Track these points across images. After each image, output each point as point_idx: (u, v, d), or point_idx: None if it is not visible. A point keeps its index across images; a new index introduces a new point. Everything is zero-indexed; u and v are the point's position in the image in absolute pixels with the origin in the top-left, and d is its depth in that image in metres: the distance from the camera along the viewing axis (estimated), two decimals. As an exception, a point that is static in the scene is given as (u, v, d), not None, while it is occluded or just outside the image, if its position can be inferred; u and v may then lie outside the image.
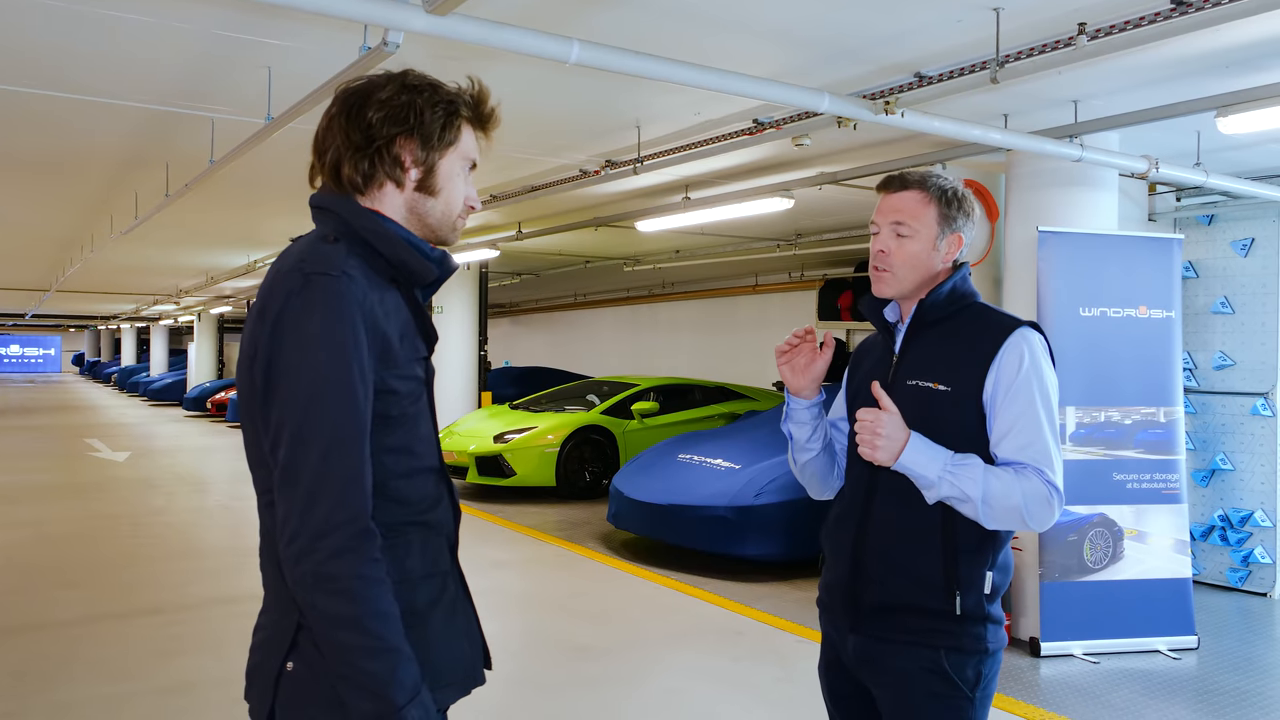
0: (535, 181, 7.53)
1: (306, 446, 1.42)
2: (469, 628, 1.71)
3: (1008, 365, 1.93)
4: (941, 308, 2.04)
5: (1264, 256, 6.18)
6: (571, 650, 5.03)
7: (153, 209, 7.93)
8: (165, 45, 4.39)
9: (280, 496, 1.44)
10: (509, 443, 9.65)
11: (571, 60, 3.44)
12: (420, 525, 1.61)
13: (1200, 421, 6.45)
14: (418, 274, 1.61)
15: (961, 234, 2.06)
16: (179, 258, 14.39)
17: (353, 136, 1.56)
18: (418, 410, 1.61)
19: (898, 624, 1.97)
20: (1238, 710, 4.33)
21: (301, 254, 1.52)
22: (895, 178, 2.10)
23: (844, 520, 2.10)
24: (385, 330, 1.51)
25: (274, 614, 1.56)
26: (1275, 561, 6.19)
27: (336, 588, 1.39)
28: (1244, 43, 4.13)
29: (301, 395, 1.43)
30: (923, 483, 1.92)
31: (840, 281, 13.25)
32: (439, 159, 1.61)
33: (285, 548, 1.42)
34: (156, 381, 26.31)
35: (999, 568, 1.98)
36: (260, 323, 1.48)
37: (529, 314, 23.36)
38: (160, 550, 7.37)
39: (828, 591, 2.14)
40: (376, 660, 1.41)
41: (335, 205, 1.59)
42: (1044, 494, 1.89)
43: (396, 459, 1.56)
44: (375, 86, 1.58)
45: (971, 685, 1.94)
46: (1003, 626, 2.01)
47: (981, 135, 4.71)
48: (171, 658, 4.80)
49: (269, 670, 1.53)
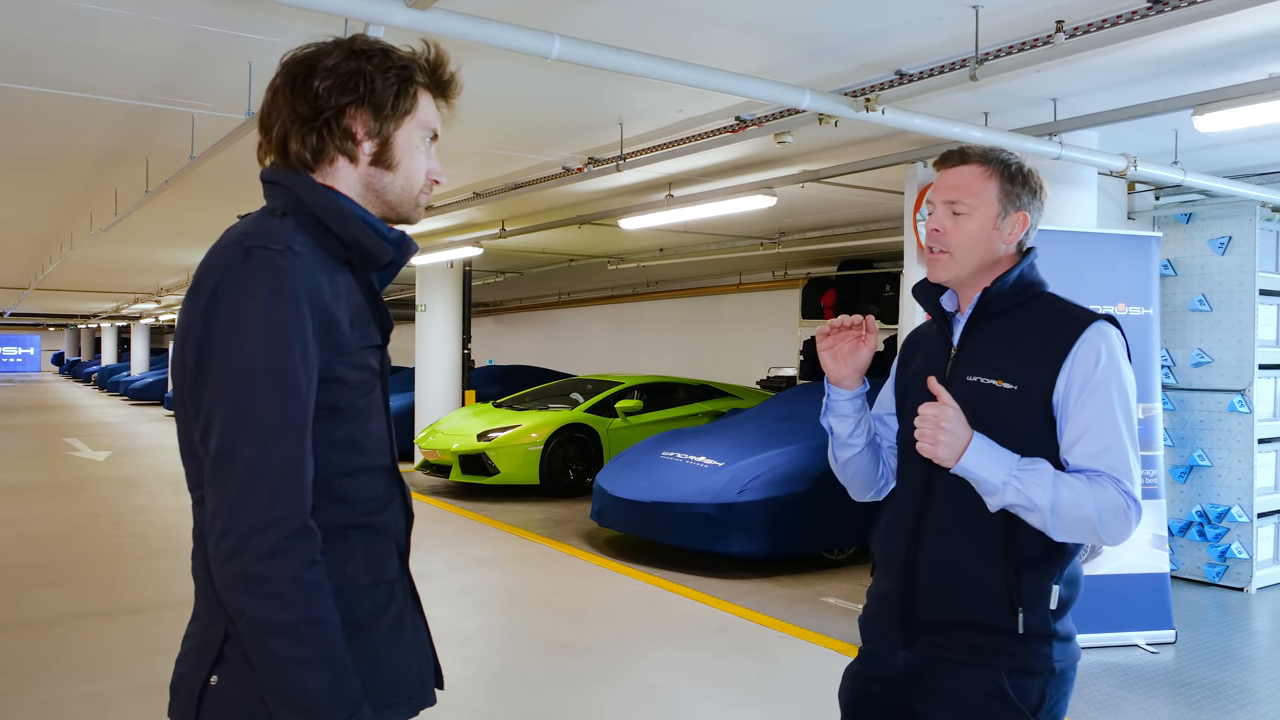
0: (518, 179, 7.52)
1: (239, 435, 1.28)
2: (418, 643, 1.57)
3: (1083, 363, 1.75)
4: (1007, 297, 1.85)
5: (1241, 255, 6.24)
6: (555, 647, 5.03)
7: (133, 205, 7.88)
8: (146, 40, 4.38)
9: (210, 490, 1.31)
10: (492, 441, 9.63)
11: (553, 56, 3.45)
12: (365, 529, 1.48)
13: (1178, 418, 6.51)
14: (373, 255, 1.48)
15: (1027, 213, 1.87)
16: (160, 255, 14.30)
17: (299, 109, 1.44)
18: (369, 403, 1.48)
19: (955, 641, 1.80)
20: (1214, 703, 4.38)
21: (244, 228, 1.40)
22: (955, 152, 1.93)
23: (896, 527, 1.93)
24: (334, 313, 1.39)
25: (202, 622, 1.43)
26: (1252, 556, 6.25)
27: (269, 591, 1.26)
28: (1220, 41, 4.18)
29: (235, 379, 1.30)
30: (986, 488, 1.74)
31: (824, 280, 13.29)
32: (395, 130, 1.48)
33: (214, 547, 1.29)
34: (137, 381, 26.10)
35: (1067, 580, 1.81)
36: (194, 299, 1.35)
37: (513, 312, 23.32)
38: (142, 549, 7.33)
39: (878, 603, 1.96)
40: (313, 673, 1.28)
41: (286, 179, 1.46)
42: (1120, 505, 1.71)
43: (343, 455, 1.43)
44: (321, 54, 1.45)
45: (1035, 708, 1.76)
46: (1073, 642, 1.82)
47: (962, 133, 4.74)
48: (154, 656, 4.77)
49: (192, 684, 1.39)
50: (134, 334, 29.70)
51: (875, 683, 1.95)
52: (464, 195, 8.25)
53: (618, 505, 7.18)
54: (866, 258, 12.47)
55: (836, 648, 4.99)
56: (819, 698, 4.31)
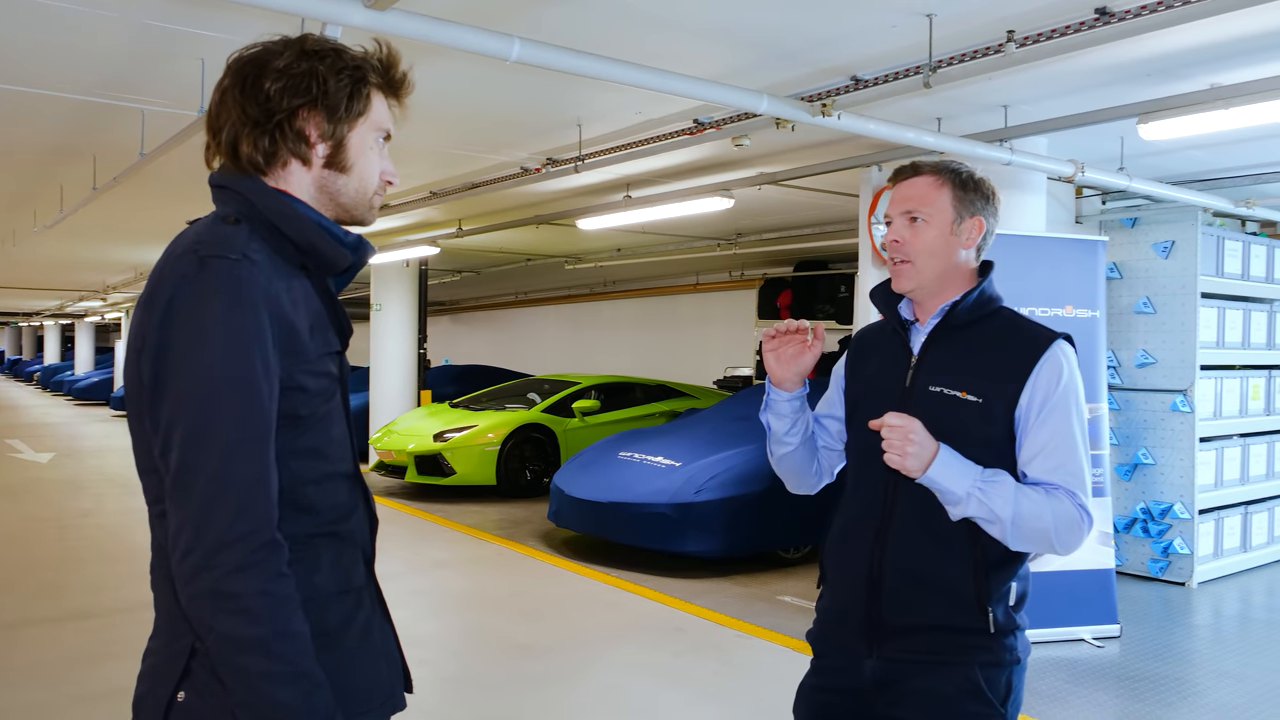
0: (476, 179, 7.50)
1: (201, 449, 1.25)
2: (387, 648, 1.56)
3: (1045, 381, 1.82)
4: (970, 311, 1.91)
5: (1183, 258, 6.41)
6: (512, 648, 5.03)
7: (79, 202, 7.73)
8: (95, 35, 4.30)
9: (173, 506, 1.27)
10: (449, 441, 9.59)
11: (513, 58, 3.45)
12: (331, 537, 1.46)
13: (1123, 417, 6.67)
14: (330, 260, 1.45)
15: (982, 218, 1.93)
16: (107, 253, 14.01)
17: (249, 110, 1.40)
18: (329, 410, 1.45)
19: (925, 644, 1.84)
20: (1157, 695, 4.50)
21: (197, 236, 1.36)
22: (908, 166, 1.97)
23: (856, 535, 1.94)
24: (293, 321, 1.36)
25: (165, 638, 1.40)
26: (1193, 552, 6.43)
27: (238, 607, 1.24)
28: (1163, 53, 4.29)
29: (196, 391, 1.26)
30: (949, 499, 1.79)
31: (780, 281, 13.40)
32: (348, 132, 1.45)
33: (179, 563, 1.25)
34: (82, 380, 25.55)
35: (1021, 576, 1.89)
36: (149, 311, 1.32)
37: (469, 312, 23.19)
38: (90, 553, 7.18)
39: (837, 614, 1.97)
40: (285, 687, 1.26)
41: (237, 184, 1.42)
42: (1075, 517, 1.79)
43: (306, 464, 1.41)
44: (271, 54, 1.41)
45: (1003, 699, 1.84)
46: (1026, 631, 1.91)
47: (915, 138, 4.81)
48: (103, 662, 4.69)
49: (158, 700, 1.36)
50: (78, 332, 29.09)
51: (836, 694, 1.96)
52: (421, 194, 8.20)
53: (575, 506, 7.19)
54: (822, 259, 12.59)
55: (793, 646, 5.04)
56: (776, 695, 4.35)
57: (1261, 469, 7.07)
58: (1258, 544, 7.04)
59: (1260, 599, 6.40)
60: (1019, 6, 3.73)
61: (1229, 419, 6.77)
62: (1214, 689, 4.60)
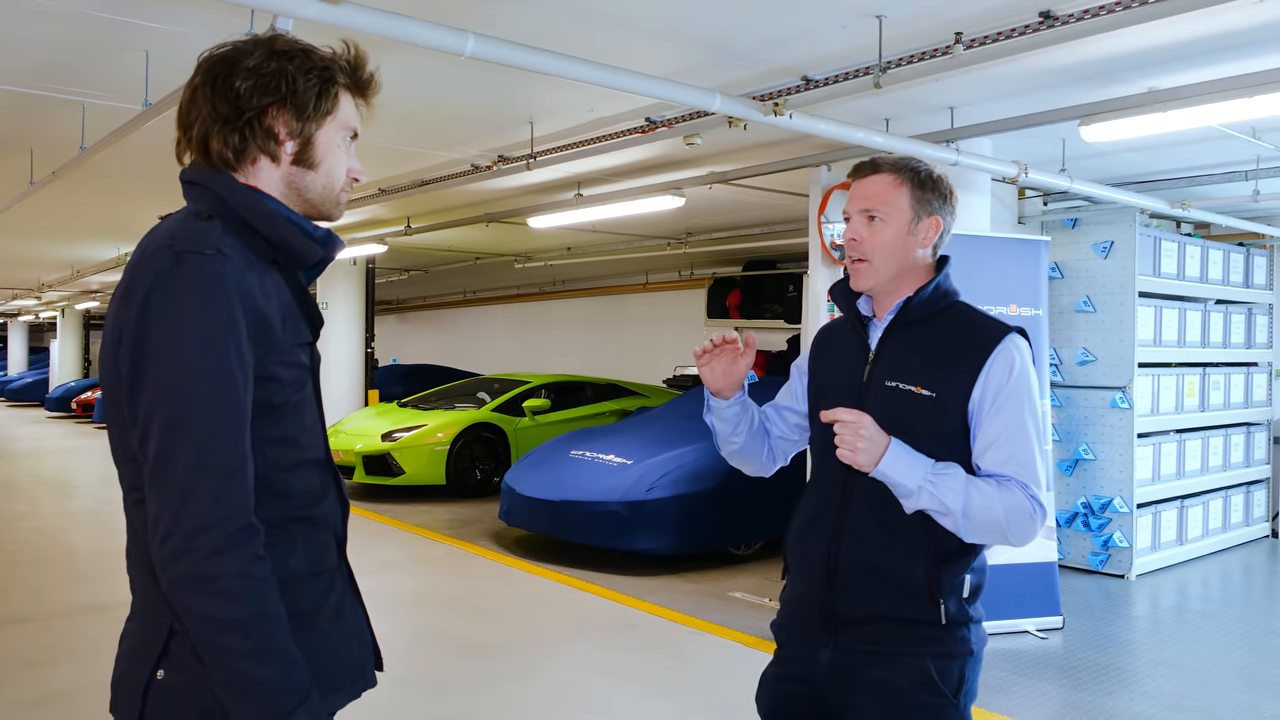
0: (426, 175, 7.43)
1: (179, 437, 1.31)
2: (358, 628, 1.63)
3: (997, 373, 1.84)
4: (925, 306, 1.93)
5: (1122, 258, 6.58)
6: (464, 648, 5.00)
7: (14, 197, 7.51)
8: (33, 24, 4.18)
9: (151, 493, 1.33)
10: (397, 441, 9.49)
11: (467, 53, 3.43)
12: (305, 521, 1.52)
13: (1065, 414, 6.82)
14: (300, 254, 1.50)
15: (939, 217, 1.95)
16: (42, 249, 13.62)
17: (220, 108, 1.44)
18: (302, 399, 1.52)
19: (878, 634, 1.87)
20: (1099, 684, 4.61)
21: (171, 231, 1.40)
22: (867, 163, 1.99)
23: (814, 527, 1.97)
24: (265, 313, 1.41)
25: (143, 619, 1.45)
26: (1132, 545, 6.60)
27: (216, 588, 1.29)
28: (1104, 56, 4.40)
29: (173, 382, 1.32)
30: (901, 491, 1.82)
31: (729, 280, 13.48)
32: (316, 130, 1.50)
33: (158, 548, 1.30)
34: (15, 381, 24.88)
35: (975, 569, 1.91)
36: (126, 305, 1.36)
37: (416, 310, 22.97)
38: (26, 556, 6.99)
39: (797, 604, 2.00)
40: (262, 665, 1.32)
41: (209, 180, 1.46)
42: (1026, 509, 1.80)
43: (279, 451, 1.47)
44: (241, 53, 1.46)
45: (955, 690, 1.87)
46: (982, 624, 1.93)
47: (865, 138, 4.88)
48: (42, 667, 4.57)
49: (137, 679, 1.41)
50: (11, 332, 28.30)
51: (796, 683, 1.99)
52: (369, 191, 8.11)
53: (526, 504, 7.16)
54: (770, 258, 12.69)
55: (744, 641, 5.08)
56: (728, 689, 4.38)
57: (1196, 464, 7.28)
58: (1193, 537, 7.25)
59: (1196, 590, 6.59)
60: (967, 9, 3.80)
61: (1165, 415, 6.96)
62: (1153, 678, 4.73)
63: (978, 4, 3.75)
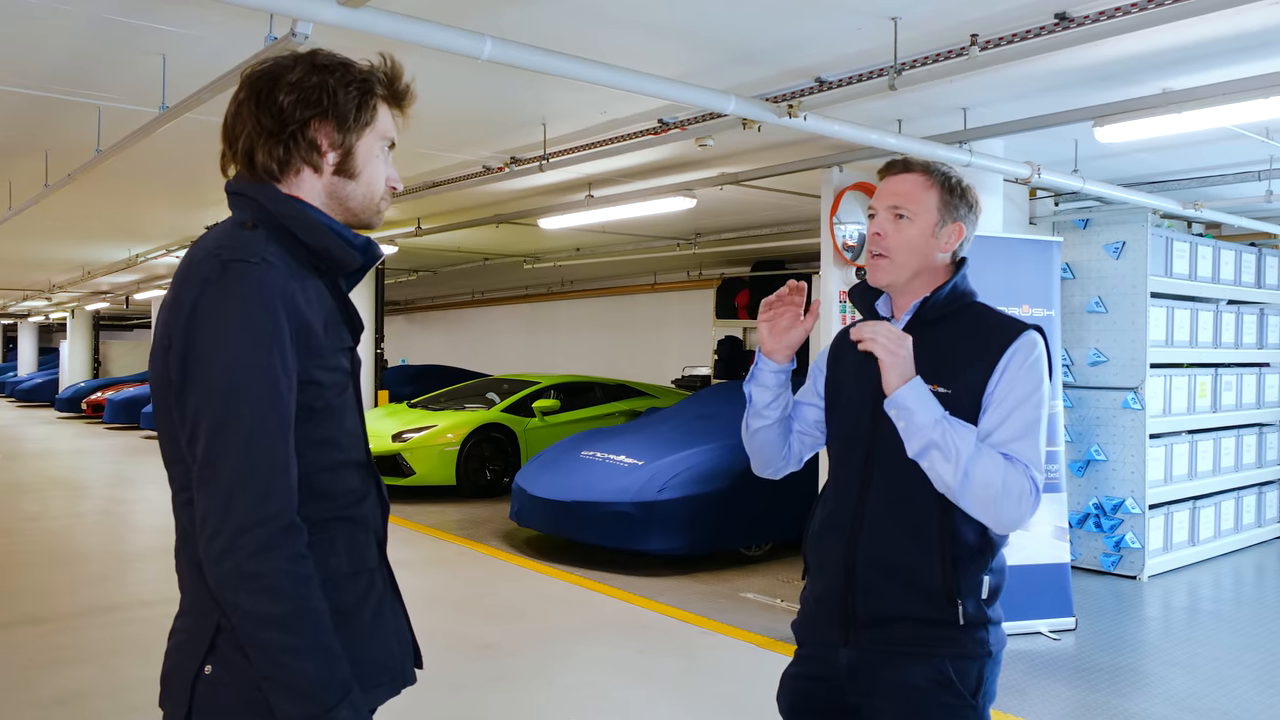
0: (437, 177, 7.45)
1: (226, 440, 1.35)
2: (398, 626, 1.67)
3: (1012, 368, 1.86)
4: (943, 305, 1.95)
5: (1134, 259, 6.56)
6: (477, 649, 5.01)
7: (29, 200, 7.55)
8: (49, 28, 4.21)
9: (199, 493, 1.37)
10: (408, 442, 9.51)
11: (484, 56, 3.44)
12: (346, 521, 1.56)
13: (1077, 415, 6.81)
14: (341, 262, 1.56)
15: (963, 225, 1.96)
16: (54, 251, 13.68)
17: (264, 121, 1.50)
18: (343, 402, 1.55)
19: (896, 635, 1.88)
20: (1112, 685, 4.61)
21: (218, 240, 1.46)
22: (899, 161, 2.01)
23: (832, 528, 1.98)
24: (308, 319, 1.46)
25: (191, 616, 1.50)
26: (1144, 546, 6.59)
27: (261, 585, 1.34)
28: (1118, 58, 4.40)
29: (220, 386, 1.37)
30: (915, 426, 1.81)
31: (737, 280, 13.48)
32: (356, 141, 1.56)
33: (206, 546, 1.35)
34: (25, 381, 24.97)
35: (995, 570, 1.90)
36: (174, 312, 1.41)
37: (425, 311, 23.02)
38: (39, 558, 7.02)
39: (816, 604, 2.01)
40: (305, 659, 1.36)
41: (253, 191, 1.52)
42: (1024, 489, 1.80)
43: (321, 452, 1.50)
44: (283, 69, 1.52)
45: (974, 691, 1.86)
46: (1002, 626, 1.93)
47: (879, 140, 4.88)
48: (57, 668, 4.59)
49: (185, 674, 1.46)
50: (21, 333, 28.41)
51: (815, 683, 2.00)
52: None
53: (537, 505, 7.18)
54: (779, 259, 12.69)
55: (756, 642, 5.08)
56: (740, 690, 4.39)
57: (1208, 465, 7.27)
58: (1205, 538, 7.23)
59: (1208, 591, 6.58)
60: (982, 10, 3.80)
61: (1178, 416, 6.95)
62: (1165, 679, 4.73)
63: (993, 6, 3.75)
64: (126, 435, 16.17)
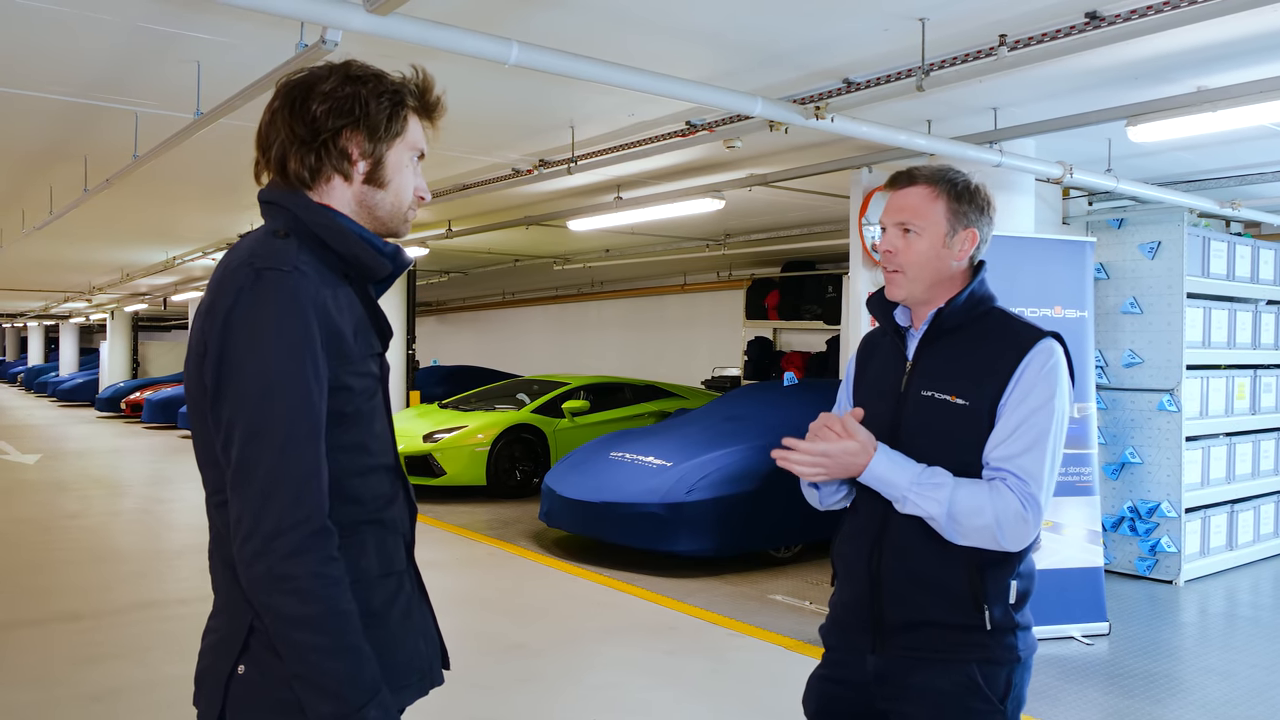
0: (467, 180, 7.50)
1: (260, 444, 1.39)
2: (426, 627, 1.70)
3: (1028, 376, 1.84)
4: (960, 314, 1.92)
5: (1169, 259, 6.47)
6: (506, 648, 5.04)
7: (70, 204, 7.69)
8: (86, 37, 4.29)
9: (233, 496, 1.41)
10: (438, 442, 9.58)
11: (511, 61, 3.47)
12: (375, 524, 1.58)
13: (1111, 417, 6.73)
14: (371, 269, 1.58)
15: (976, 229, 1.94)
16: (93, 254, 13.94)
17: (297, 130, 1.53)
18: (372, 407, 1.58)
19: (924, 640, 1.88)
20: (1147, 691, 4.55)
21: (252, 249, 1.49)
22: (904, 174, 1.99)
23: (858, 535, 1.98)
24: (339, 326, 1.49)
25: (225, 616, 1.53)
26: (1180, 550, 6.49)
27: (293, 587, 1.37)
28: (1151, 56, 4.34)
29: (254, 392, 1.40)
30: (891, 495, 1.86)
31: (767, 281, 13.44)
32: (387, 151, 1.58)
33: (239, 548, 1.39)
34: (66, 381, 25.40)
35: (1022, 575, 1.89)
36: (209, 319, 1.45)
37: (456, 312, 23.15)
38: (77, 555, 7.15)
39: (844, 610, 2.02)
40: (335, 659, 1.39)
41: (285, 200, 1.55)
42: (1018, 511, 1.79)
43: (351, 457, 1.53)
44: (317, 79, 1.55)
45: (1002, 696, 1.85)
46: (1032, 631, 1.93)
47: (907, 140, 4.85)
48: (94, 664, 4.68)
49: (219, 673, 1.50)
50: (62, 333, 28.91)
51: (842, 686, 2.01)
52: (411, 195, 8.19)
53: (566, 506, 7.20)
54: (809, 259, 12.64)
55: (784, 644, 5.07)
56: (768, 693, 4.38)
57: (1247, 468, 7.15)
58: (1244, 542, 7.12)
59: (1246, 597, 6.47)
60: (1011, 10, 3.77)
61: (1215, 418, 6.84)
62: (1201, 686, 4.66)
63: (1022, 5, 3.71)
64: (164, 435, 16.42)
